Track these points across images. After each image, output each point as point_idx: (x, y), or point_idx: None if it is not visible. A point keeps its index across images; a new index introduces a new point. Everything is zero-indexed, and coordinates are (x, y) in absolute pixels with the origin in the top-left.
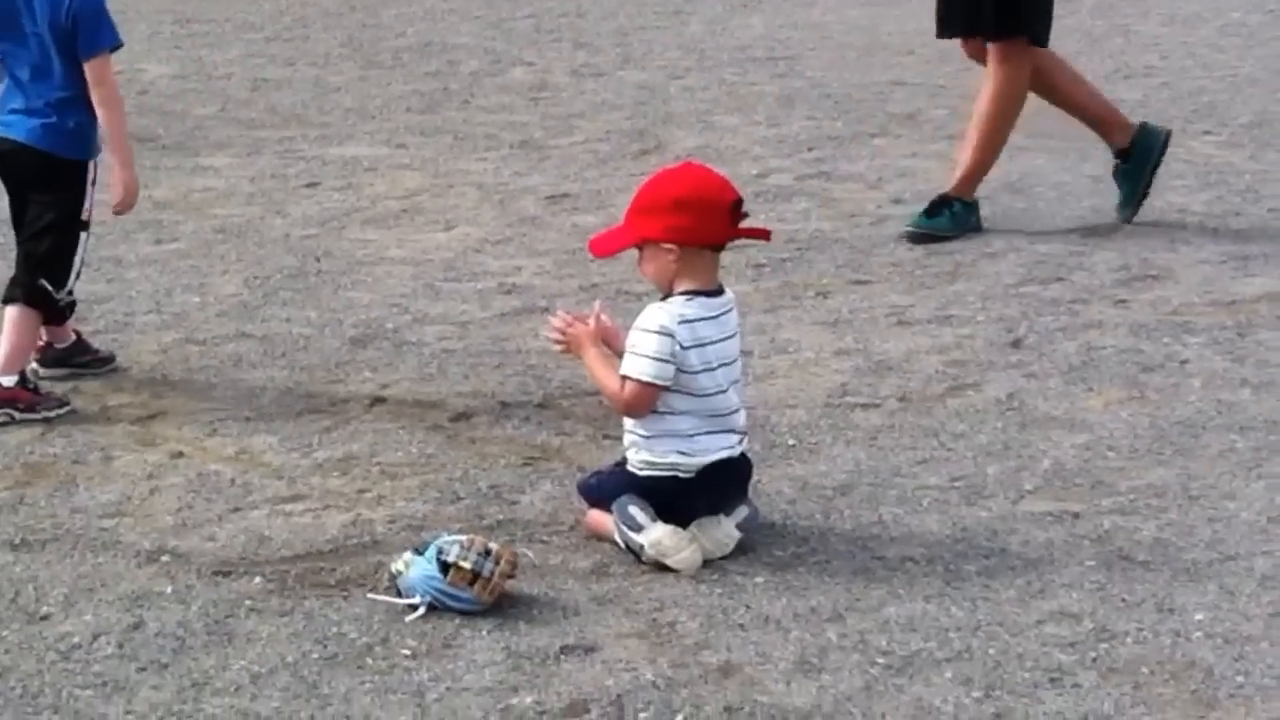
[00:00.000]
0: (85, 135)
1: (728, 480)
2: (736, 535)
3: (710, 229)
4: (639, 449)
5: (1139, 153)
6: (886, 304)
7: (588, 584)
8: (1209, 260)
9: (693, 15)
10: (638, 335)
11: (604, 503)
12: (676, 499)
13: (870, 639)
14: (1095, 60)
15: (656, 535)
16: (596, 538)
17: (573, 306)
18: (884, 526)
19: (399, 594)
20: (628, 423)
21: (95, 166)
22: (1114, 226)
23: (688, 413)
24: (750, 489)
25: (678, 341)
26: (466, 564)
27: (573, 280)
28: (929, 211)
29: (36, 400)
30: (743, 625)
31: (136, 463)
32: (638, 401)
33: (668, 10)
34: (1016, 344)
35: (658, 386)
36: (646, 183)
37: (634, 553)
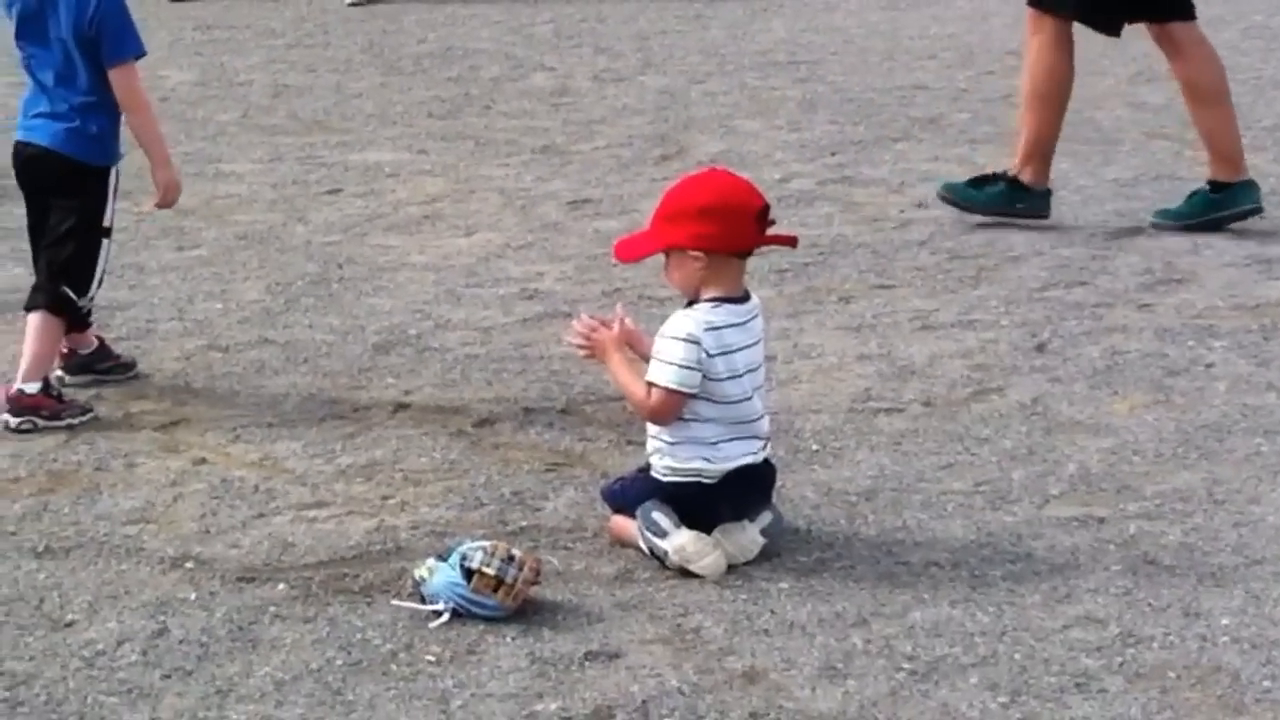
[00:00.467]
0: (108, 141)
1: (752, 486)
2: (760, 541)
3: (737, 236)
4: (663, 455)
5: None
6: (910, 308)
7: (612, 590)
8: (1233, 264)
9: (714, 20)
10: (664, 342)
11: (628, 509)
12: (700, 505)
13: (895, 644)
14: (1119, 64)
15: (681, 541)
16: (620, 544)
17: (595, 312)
18: (908, 532)
19: (423, 600)
20: (651, 429)
21: (117, 173)
22: (1137, 230)
23: (713, 420)
24: (774, 494)
25: (704, 349)
26: (490, 570)
27: (595, 285)
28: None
29: (60, 408)
30: (767, 631)
31: (159, 469)
32: (664, 409)
33: (689, 15)
34: (1041, 348)
35: (684, 394)
36: (672, 189)
37: (658, 558)
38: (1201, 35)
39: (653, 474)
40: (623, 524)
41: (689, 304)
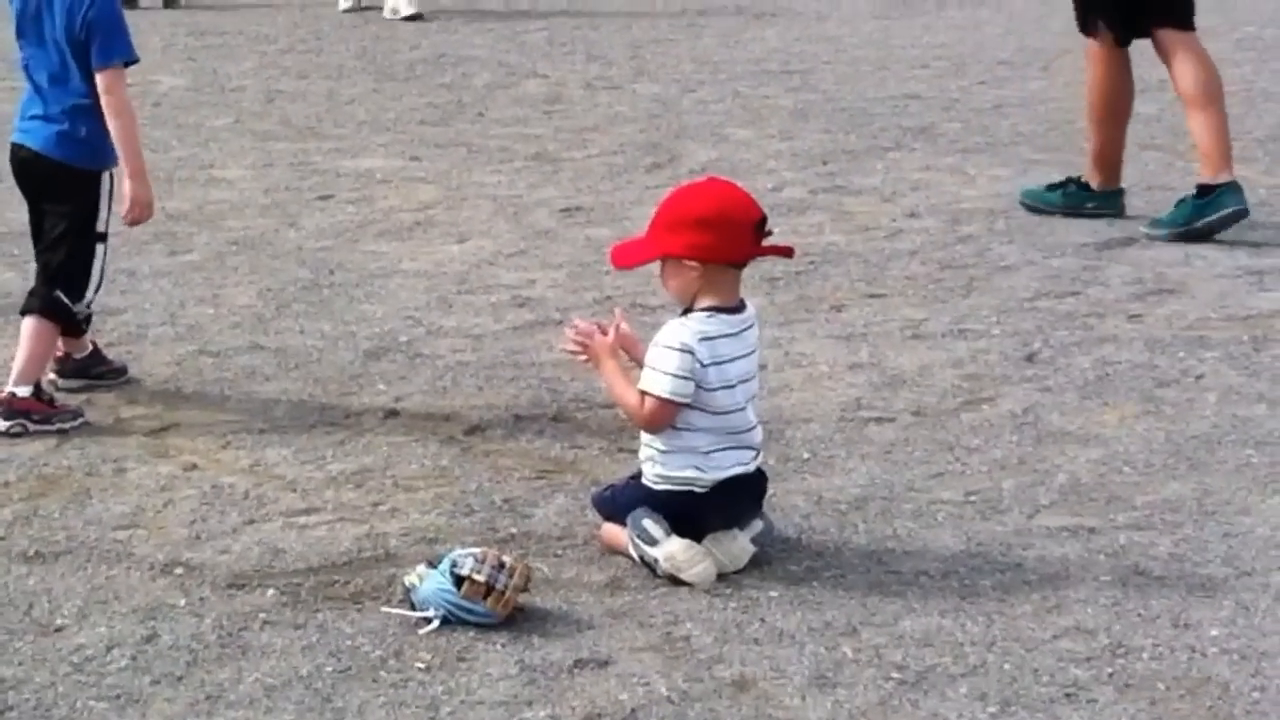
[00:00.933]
0: (99, 145)
1: (743, 495)
2: (751, 549)
3: (733, 247)
4: (654, 463)
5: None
6: (901, 317)
7: (602, 598)
8: (1224, 274)
9: (706, 28)
10: (658, 352)
11: (618, 516)
12: (691, 513)
13: (885, 654)
14: None
15: (671, 549)
16: (611, 551)
17: (587, 319)
18: (899, 541)
19: (413, 607)
20: (644, 437)
21: (111, 178)
22: (1128, 240)
23: (705, 429)
24: (765, 503)
25: (698, 358)
26: (480, 577)
27: (587, 293)
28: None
29: (51, 412)
30: (757, 639)
31: (150, 475)
32: (657, 418)
33: (681, 23)
34: (1031, 358)
35: (677, 403)
36: (670, 197)
37: (648, 566)
38: (1190, 39)
39: (644, 481)
40: (613, 531)
41: (684, 312)
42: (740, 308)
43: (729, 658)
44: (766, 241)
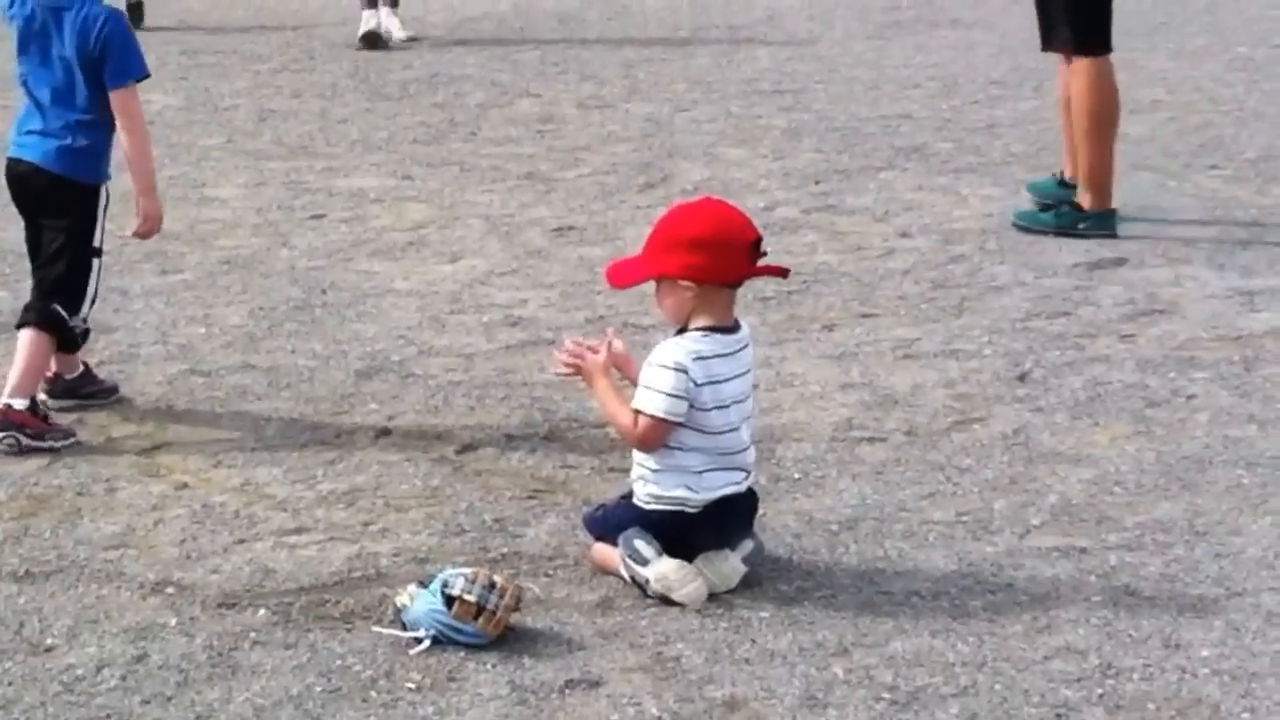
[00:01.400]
0: (97, 159)
1: (734, 515)
2: (742, 569)
3: (728, 268)
4: (646, 482)
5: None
6: (893, 337)
7: (593, 618)
8: (1216, 295)
9: (699, 48)
10: (652, 370)
11: (609, 536)
12: (682, 533)
13: (876, 674)
14: None
15: (662, 569)
16: (602, 571)
17: (579, 338)
18: (890, 561)
19: (403, 627)
20: (636, 456)
21: (107, 193)
22: (1120, 261)
23: (698, 449)
24: (756, 523)
25: (692, 378)
26: (471, 597)
27: (579, 313)
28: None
29: (44, 429)
30: (748, 660)
31: (141, 494)
32: (650, 437)
33: (674, 43)
34: (1023, 378)
35: (671, 422)
36: (666, 216)
37: (639, 586)
38: (1086, 67)
39: (635, 501)
40: (604, 551)
41: (678, 332)
42: (735, 328)
43: (720, 678)
44: (762, 262)
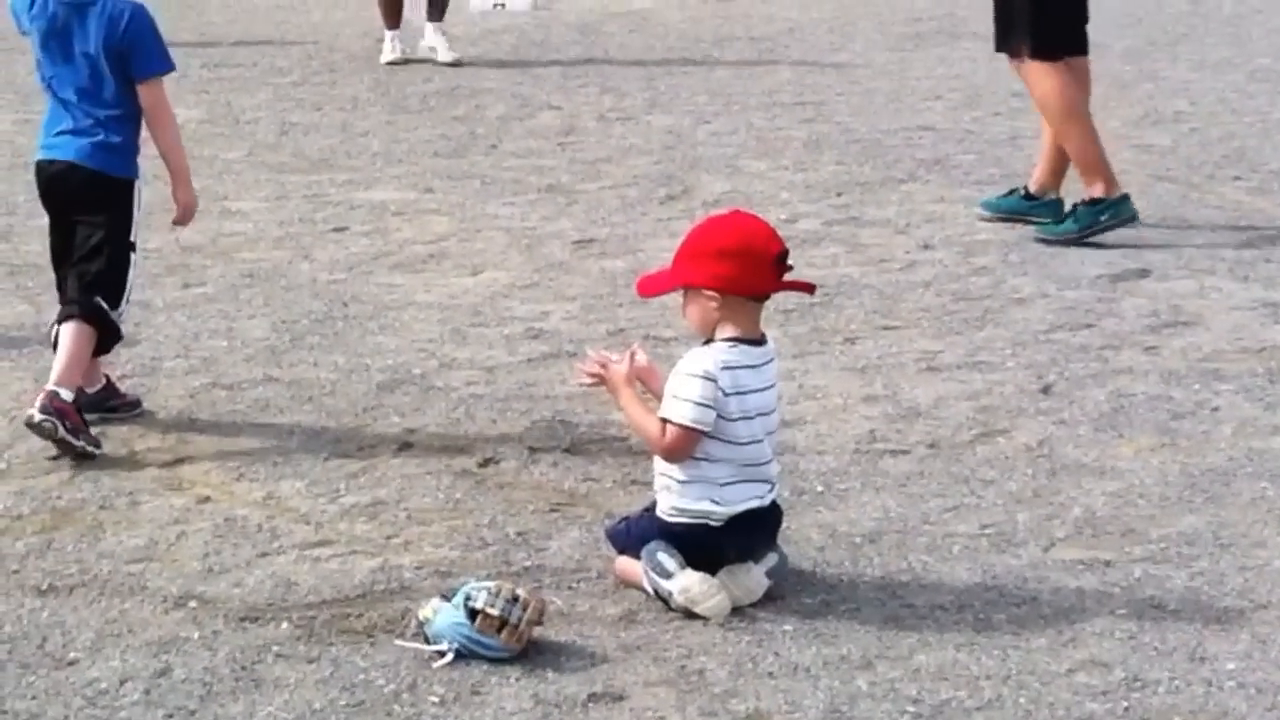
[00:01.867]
0: (130, 154)
1: (757, 528)
2: (765, 583)
3: (754, 280)
4: (671, 494)
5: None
6: (915, 350)
7: (616, 631)
8: (1239, 306)
9: (720, 60)
10: (680, 379)
11: (632, 549)
12: (706, 546)
13: (900, 687)
14: (1125, 106)
15: (685, 582)
16: (625, 584)
17: (601, 351)
18: (913, 574)
19: (426, 641)
20: (660, 466)
21: (140, 189)
22: (1144, 272)
23: (723, 460)
24: (779, 536)
25: (720, 386)
26: (494, 611)
27: (600, 325)
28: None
29: (82, 428)
30: (772, 673)
31: (163, 507)
32: (678, 446)
33: (696, 55)
34: (1046, 390)
35: (699, 431)
36: (695, 228)
37: (663, 600)
38: (1048, 70)
39: (658, 514)
40: (627, 565)
41: (705, 343)
42: (762, 341)
43: (743, 692)
44: (788, 276)
